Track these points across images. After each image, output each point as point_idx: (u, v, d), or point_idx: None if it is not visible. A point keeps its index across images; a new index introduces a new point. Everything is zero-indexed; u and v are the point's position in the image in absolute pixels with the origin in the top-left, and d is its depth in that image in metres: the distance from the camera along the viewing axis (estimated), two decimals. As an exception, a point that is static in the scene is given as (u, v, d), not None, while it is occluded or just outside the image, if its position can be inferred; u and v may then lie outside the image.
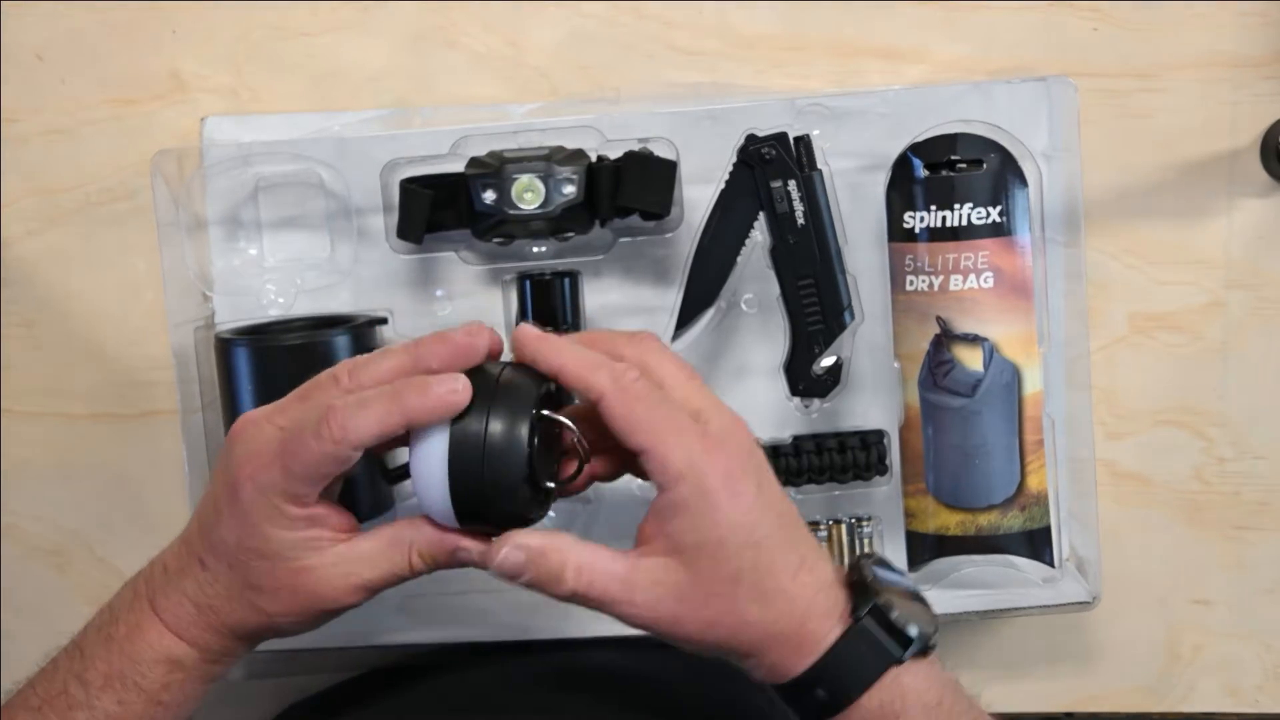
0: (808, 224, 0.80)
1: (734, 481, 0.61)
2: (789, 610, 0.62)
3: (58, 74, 0.89)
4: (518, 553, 0.63)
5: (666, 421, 0.61)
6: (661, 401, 0.62)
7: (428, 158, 0.83)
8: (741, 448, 0.63)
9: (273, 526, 0.64)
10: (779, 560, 0.62)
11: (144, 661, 0.66)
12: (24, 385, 0.90)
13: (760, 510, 0.62)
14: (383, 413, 0.62)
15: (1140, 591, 0.88)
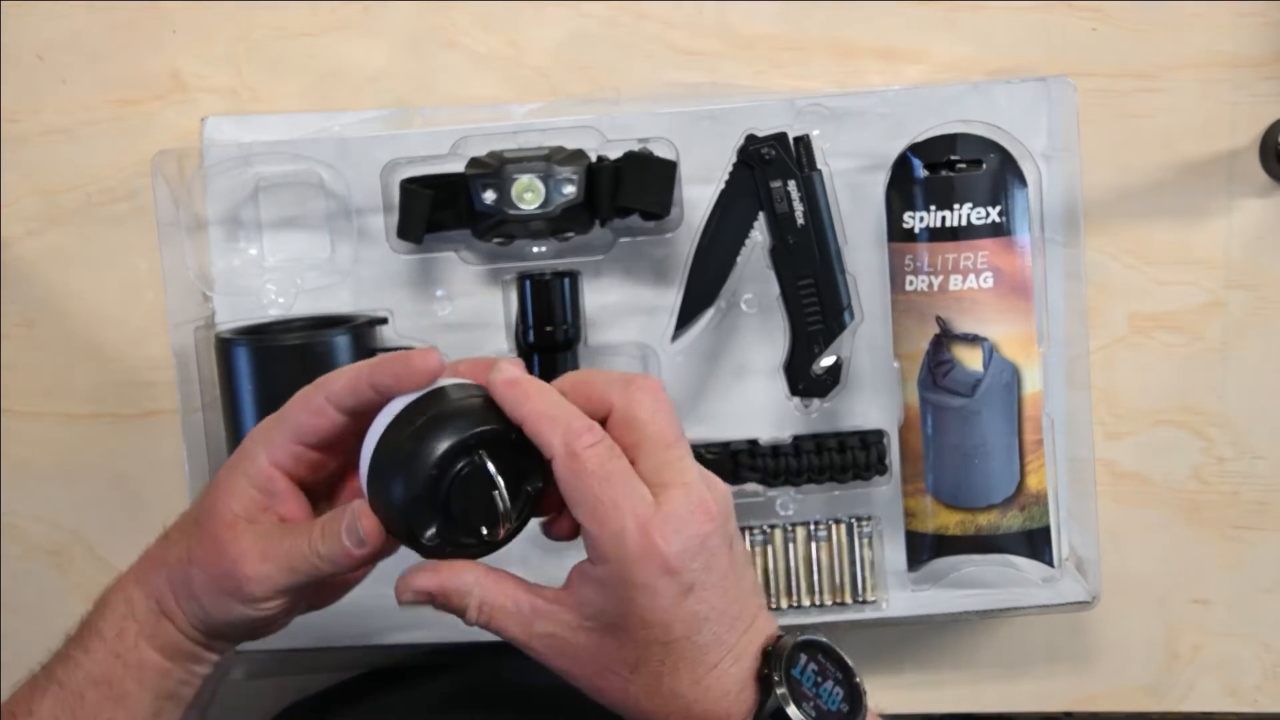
0: (807, 224, 0.80)
1: (662, 579, 0.58)
2: (684, 711, 0.60)
3: (58, 74, 0.89)
4: (423, 580, 0.63)
5: (609, 502, 0.58)
6: (612, 476, 0.59)
7: (428, 158, 0.83)
8: (691, 539, 0.59)
9: (241, 475, 0.64)
10: (684, 664, 0.60)
11: (108, 604, 0.67)
12: (24, 385, 0.90)
13: (682, 614, 0.59)
14: (354, 371, 0.63)
15: (1139, 591, 0.88)
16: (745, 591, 0.62)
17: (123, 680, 0.65)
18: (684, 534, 0.59)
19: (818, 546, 0.84)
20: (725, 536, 0.60)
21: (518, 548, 0.86)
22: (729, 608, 0.60)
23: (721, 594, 0.60)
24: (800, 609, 0.83)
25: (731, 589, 0.60)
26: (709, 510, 0.60)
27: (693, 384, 0.85)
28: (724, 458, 0.82)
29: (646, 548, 0.58)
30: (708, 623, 0.60)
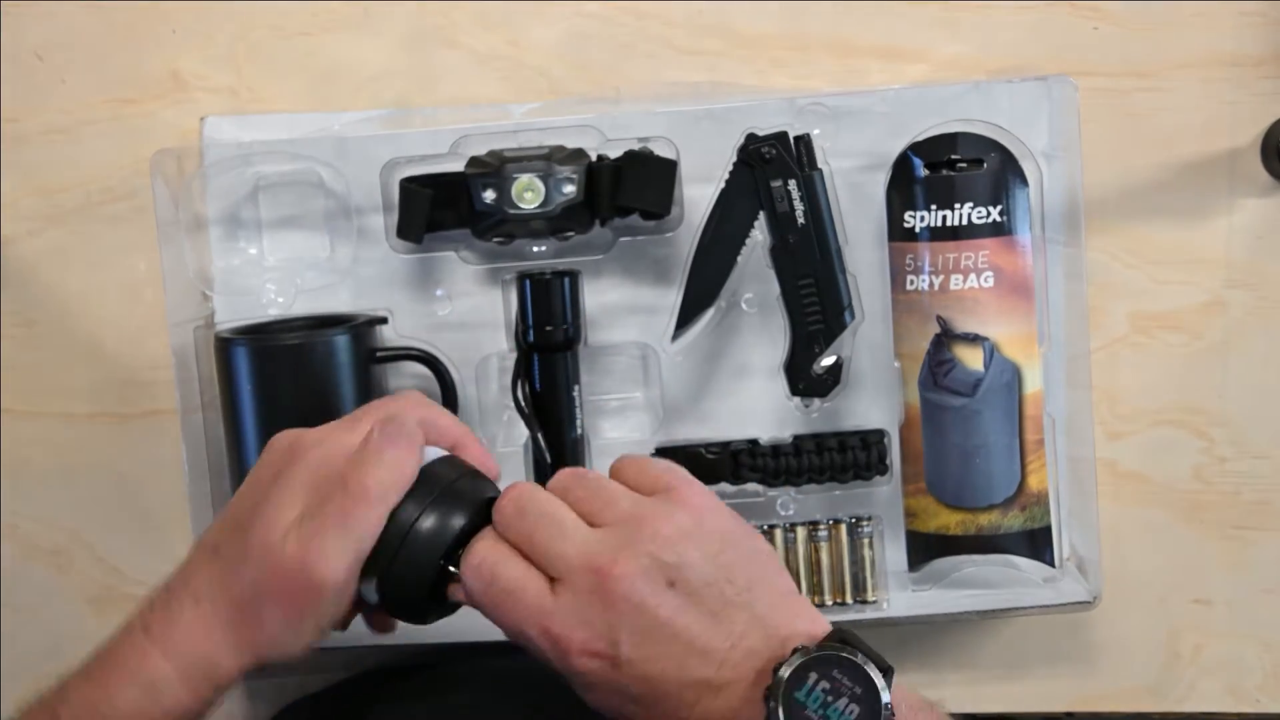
0: (808, 223, 0.80)
1: (587, 661, 0.60)
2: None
3: (58, 74, 0.89)
4: (480, 572, 0.63)
5: (513, 609, 0.62)
6: (540, 518, 0.62)
7: (427, 157, 0.83)
8: (626, 599, 0.60)
9: (288, 502, 0.64)
10: (660, 711, 0.60)
11: (115, 688, 0.63)
12: (24, 385, 0.90)
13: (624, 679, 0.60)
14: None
15: (1140, 591, 0.88)
16: (703, 627, 0.60)
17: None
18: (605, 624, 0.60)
19: (818, 546, 0.83)
20: (660, 573, 0.60)
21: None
22: (675, 650, 0.60)
23: (655, 642, 0.60)
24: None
25: (679, 632, 0.60)
26: (634, 588, 0.60)
27: (693, 384, 0.85)
28: (724, 457, 0.82)
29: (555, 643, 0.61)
30: (657, 670, 0.60)
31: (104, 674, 0.63)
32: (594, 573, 0.60)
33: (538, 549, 0.62)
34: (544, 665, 0.66)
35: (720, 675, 0.60)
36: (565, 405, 0.82)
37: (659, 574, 0.60)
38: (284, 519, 0.63)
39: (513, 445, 0.85)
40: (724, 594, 0.61)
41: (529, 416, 0.82)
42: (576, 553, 0.61)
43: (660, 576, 0.60)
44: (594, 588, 0.60)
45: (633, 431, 0.85)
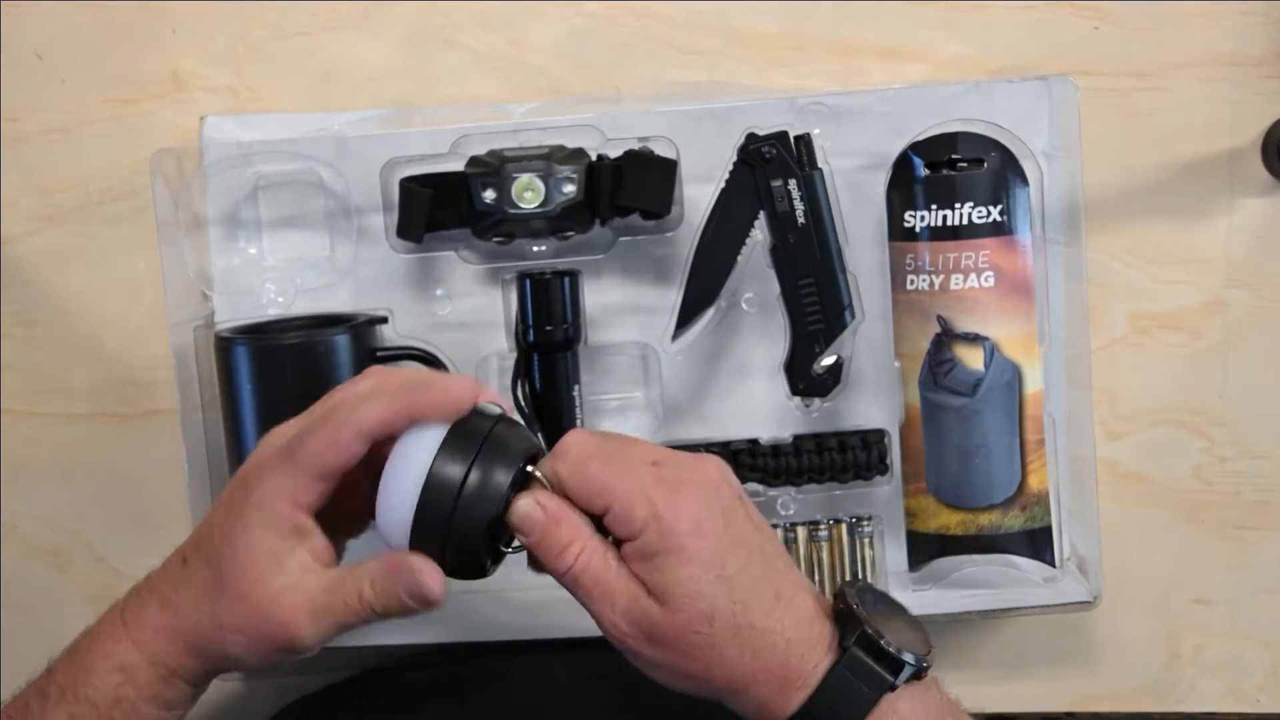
0: (808, 223, 0.80)
1: (701, 521, 0.61)
2: (769, 646, 0.61)
3: (57, 73, 0.88)
4: (537, 510, 0.62)
5: (620, 474, 0.62)
6: (612, 455, 0.63)
7: (427, 157, 0.82)
8: (705, 484, 0.63)
9: (259, 524, 0.62)
10: (753, 596, 0.61)
11: (96, 670, 0.64)
12: (24, 385, 0.90)
13: (729, 546, 0.61)
14: (388, 403, 0.62)
15: (1141, 591, 0.88)
16: (776, 545, 0.64)
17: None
18: (699, 476, 0.63)
19: (818, 546, 0.83)
20: (733, 490, 0.64)
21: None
22: (765, 541, 0.63)
23: (755, 529, 0.64)
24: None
25: (764, 527, 0.64)
26: (705, 465, 0.64)
27: (693, 383, 0.85)
28: (724, 457, 0.82)
29: (672, 500, 0.61)
30: (756, 553, 0.62)
31: (87, 655, 0.64)
32: (703, 464, 0.64)
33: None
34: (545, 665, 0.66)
35: (789, 589, 0.63)
36: (565, 405, 0.82)
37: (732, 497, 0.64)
38: (263, 547, 0.62)
39: (513, 445, 0.85)
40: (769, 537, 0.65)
41: (529, 416, 0.82)
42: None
43: (731, 500, 0.64)
44: (707, 477, 0.63)
45: (633, 431, 0.85)
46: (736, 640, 0.61)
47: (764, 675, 0.61)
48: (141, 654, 0.64)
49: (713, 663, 0.61)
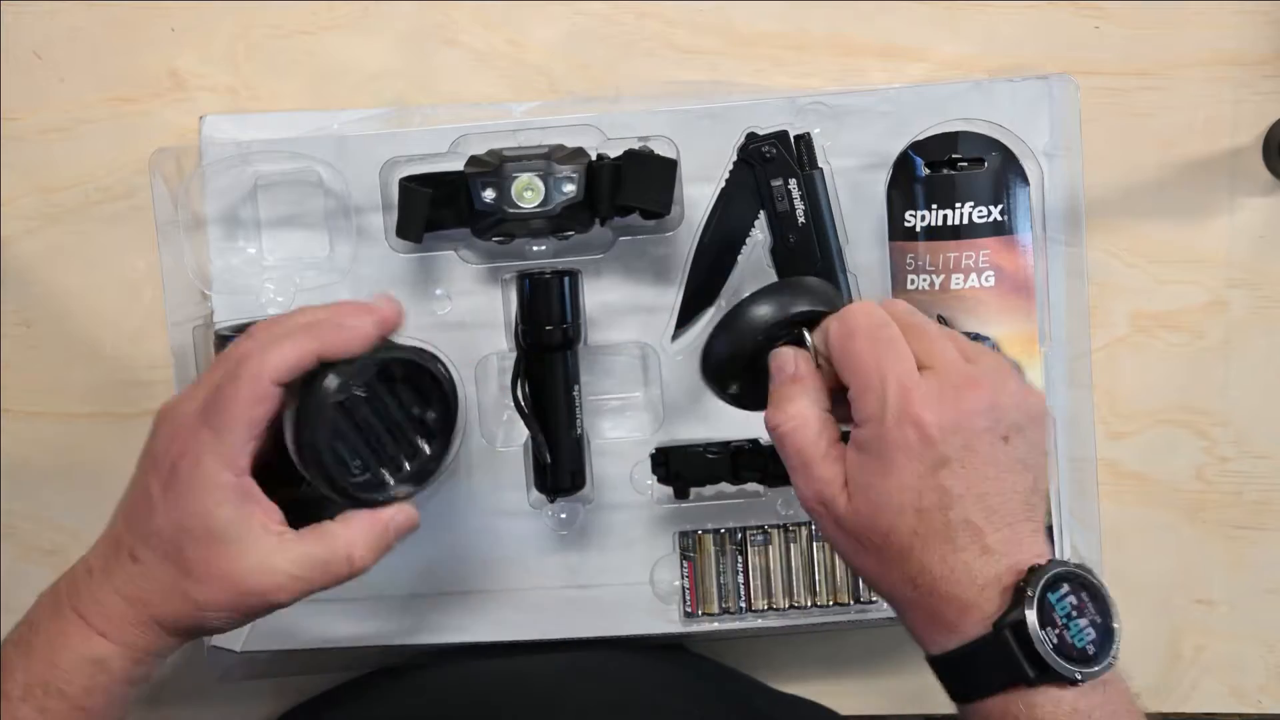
0: (808, 222, 0.80)
1: (918, 444, 0.60)
2: (930, 587, 0.60)
3: (57, 72, 0.88)
4: (789, 363, 0.65)
5: (874, 362, 0.61)
6: (880, 340, 0.61)
7: (427, 156, 0.82)
8: (952, 414, 0.60)
9: (210, 501, 0.64)
10: (934, 538, 0.60)
11: (67, 666, 0.64)
12: (23, 385, 0.90)
13: (933, 484, 0.60)
14: (294, 344, 0.64)
15: (1142, 591, 0.88)
16: (1012, 491, 0.61)
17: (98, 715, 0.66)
18: (945, 407, 0.60)
19: (819, 546, 0.83)
20: (1000, 426, 0.60)
21: (513, 549, 0.86)
22: (987, 496, 0.60)
23: (980, 479, 0.60)
24: (801, 609, 0.82)
25: (993, 479, 0.60)
26: (979, 392, 0.60)
27: (693, 383, 0.84)
28: (724, 457, 0.82)
29: (905, 411, 0.60)
30: (960, 501, 0.60)
31: (49, 652, 0.65)
32: (969, 381, 0.61)
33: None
34: (546, 665, 0.66)
35: (994, 540, 0.60)
36: (565, 405, 0.82)
37: (1006, 424, 0.61)
38: (222, 525, 0.64)
39: (512, 445, 0.85)
40: (1016, 479, 0.61)
41: (529, 416, 0.81)
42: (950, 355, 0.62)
43: (1003, 427, 0.61)
44: (964, 386, 0.60)
45: (633, 431, 0.85)
46: (903, 566, 0.60)
47: (919, 608, 0.61)
48: (115, 644, 0.65)
49: (878, 573, 0.62)
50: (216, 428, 0.64)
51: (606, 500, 0.85)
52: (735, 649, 0.88)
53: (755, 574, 0.82)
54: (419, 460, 0.70)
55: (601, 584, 0.86)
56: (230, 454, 0.64)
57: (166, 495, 0.64)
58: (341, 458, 0.67)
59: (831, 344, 0.63)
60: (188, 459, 0.64)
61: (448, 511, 0.86)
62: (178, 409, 0.66)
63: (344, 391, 0.66)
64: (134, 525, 0.66)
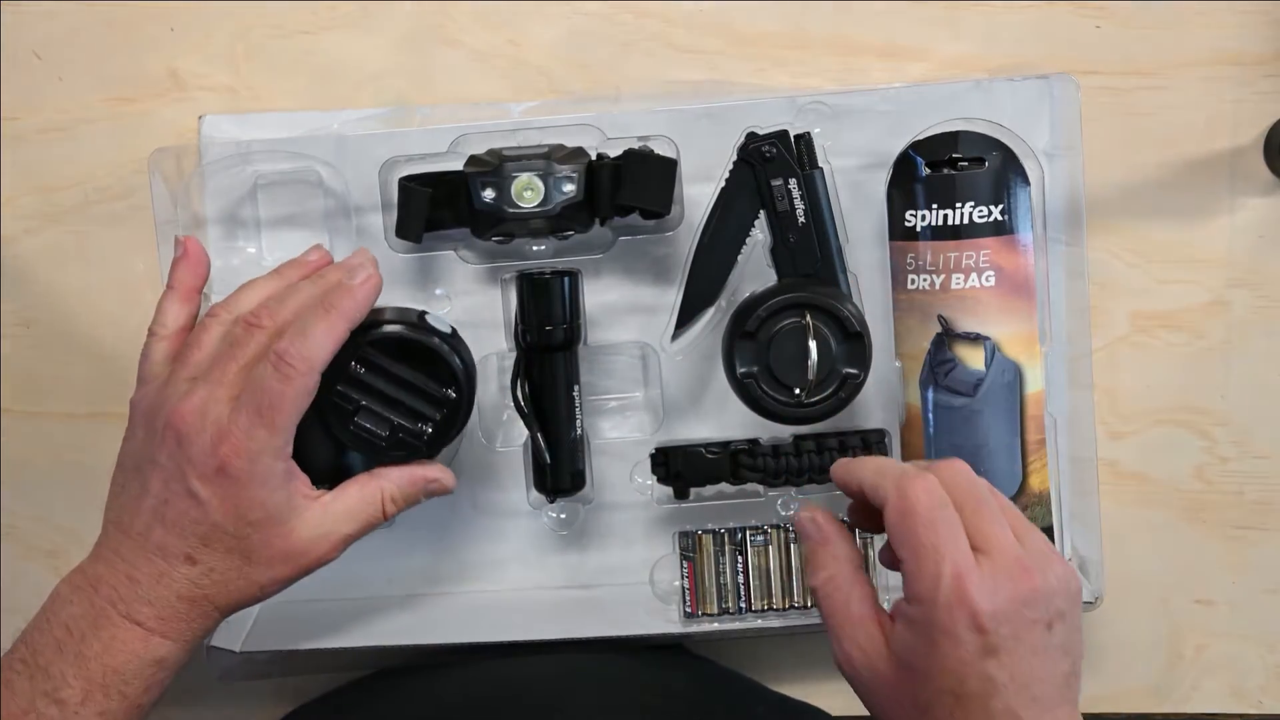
0: (808, 222, 0.79)
1: (967, 631, 0.59)
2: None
3: (56, 72, 0.88)
4: (812, 526, 0.67)
5: (930, 546, 0.61)
6: (937, 523, 0.61)
7: (427, 156, 0.82)
8: (1005, 602, 0.60)
9: (266, 490, 0.68)
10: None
11: (128, 670, 0.67)
12: (22, 385, 0.90)
13: (979, 671, 0.59)
14: (328, 326, 0.69)
15: (1142, 591, 0.88)
16: (1052, 677, 0.60)
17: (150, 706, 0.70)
18: (999, 595, 0.59)
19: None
20: (1046, 613, 0.60)
21: (513, 549, 0.86)
22: (1030, 685, 0.60)
23: (1026, 668, 0.60)
24: (801, 609, 0.82)
25: (1037, 667, 0.60)
26: (1031, 581, 0.60)
27: (693, 383, 0.85)
28: (724, 457, 0.82)
29: (959, 597, 0.59)
30: (1004, 690, 0.59)
31: (109, 658, 0.67)
32: (1022, 568, 0.61)
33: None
34: (548, 666, 0.67)
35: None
36: (565, 405, 0.82)
37: (1052, 610, 0.61)
38: (281, 511, 0.70)
39: (512, 445, 0.85)
40: (1056, 664, 0.61)
41: (528, 416, 0.81)
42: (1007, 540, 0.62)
43: (1049, 614, 0.61)
44: (1018, 574, 0.60)
45: (633, 431, 0.85)
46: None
47: None
48: (176, 642, 0.69)
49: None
50: (272, 427, 0.67)
51: (606, 500, 0.85)
52: (735, 649, 0.88)
53: (755, 574, 0.82)
54: (434, 421, 0.75)
55: (601, 584, 0.86)
56: (285, 447, 0.68)
57: (219, 494, 0.67)
58: (369, 419, 0.74)
59: (889, 520, 0.63)
60: (241, 458, 0.67)
61: (448, 512, 0.86)
62: (209, 410, 0.68)
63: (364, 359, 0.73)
64: (182, 530, 0.68)
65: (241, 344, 0.70)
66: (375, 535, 0.82)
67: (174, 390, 0.70)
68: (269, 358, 0.68)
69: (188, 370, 0.71)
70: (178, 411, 0.68)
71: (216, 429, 0.67)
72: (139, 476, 0.70)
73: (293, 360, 0.67)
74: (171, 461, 0.68)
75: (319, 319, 0.69)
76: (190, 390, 0.69)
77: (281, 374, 0.67)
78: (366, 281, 0.71)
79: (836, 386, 0.77)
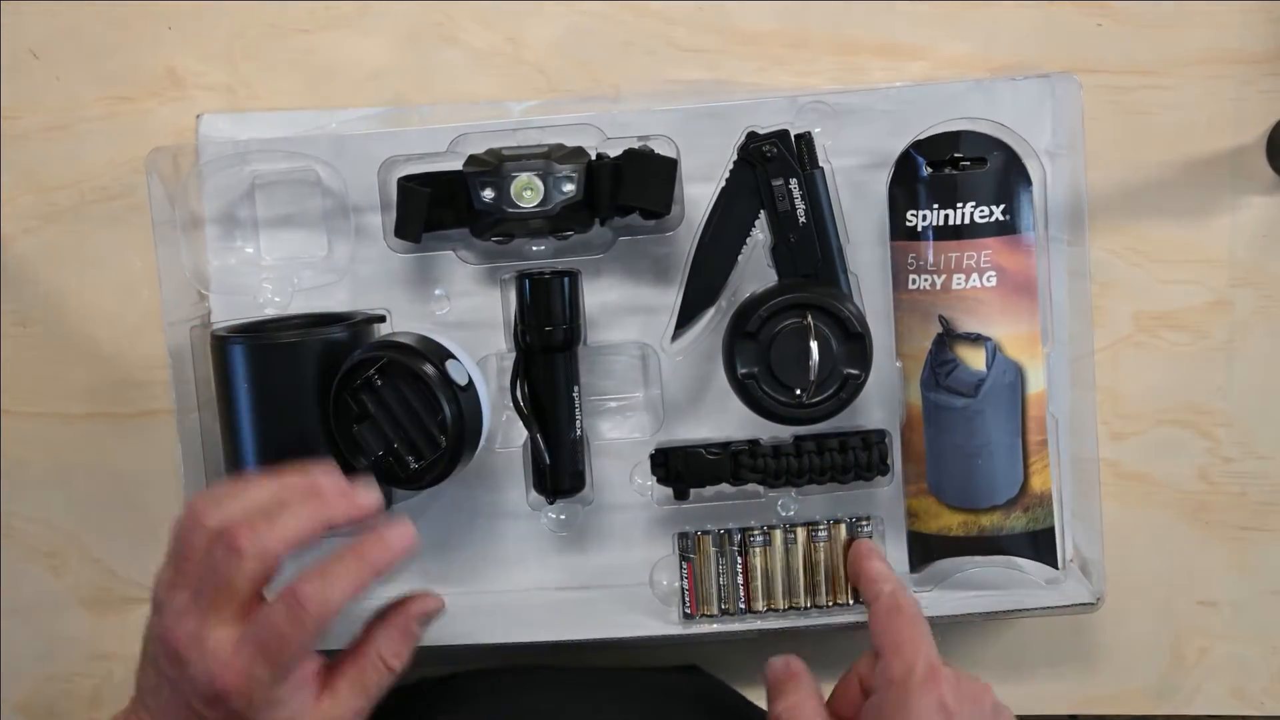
0: (809, 222, 0.79)
1: (936, 714, 0.66)
2: None
3: (54, 71, 0.88)
4: (781, 664, 0.73)
5: (911, 639, 0.69)
6: (919, 622, 0.71)
7: (426, 155, 0.82)
8: (970, 695, 0.68)
9: (269, 711, 0.65)
10: None
11: None
12: (20, 385, 0.89)
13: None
14: (355, 576, 0.67)
15: (1145, 593, 0.88)
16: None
17: None
18: (960, 688, 0.68)
19: (818, 547, 0.83)
20: (993, 711, 0.70)
21: (512, 550, 0.85)
22: None
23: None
24: (801, 610, 0.82)
25: None
26: (982, 685, 0.70)
27: (693, 383, 0.84)
28: (724, 458, 0.82)
29: (931, 683, 0.67)
30: None
31: None
32: (975, 684, 0.70)
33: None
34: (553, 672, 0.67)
35: None
36: (565, 406, 0.82)
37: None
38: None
39: (512, 446, 0.84)
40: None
41: (528, 417, 0.81)
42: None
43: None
44: (971, 682, 0.70)
45: (633, 432, 0.85)
46: None
47: None
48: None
49: None
50: (275, 666, 0.65)
51: (606, 501, 0.85)
52: (735, 650, 0.87)
53: (755, 575, 0.82)
54: (422, 460, 0.77)
55: (601, 585, 0.86)
56: (285, 676, 0.66)
57: (222, 714, 0.65)
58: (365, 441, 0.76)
59: (879, 617, 0.72)
60: (242, 693, 0.65)
61: (448, 513, 0.85)
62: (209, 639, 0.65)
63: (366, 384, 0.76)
64: None
65: (223, 570, 0.65)
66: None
67: (171, 605, 0.66)
68: (284, 597, 0.65)
69: (183, 580, 0.66)
70: (173, 633, 0.65)
71: (216, 660, 0.65)
72: (152, 670, 0.68)
73: (309, 605, 0.65)
74: (175, 678, 0.66)
75: (347, 565, 0.66)
76: (184, 612, 0.65)
77: (294, 618, 0.64)
78: (404, 539, 0.69)
79: (837, 387, 0.77)
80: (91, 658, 0.90)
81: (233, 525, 0.65)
